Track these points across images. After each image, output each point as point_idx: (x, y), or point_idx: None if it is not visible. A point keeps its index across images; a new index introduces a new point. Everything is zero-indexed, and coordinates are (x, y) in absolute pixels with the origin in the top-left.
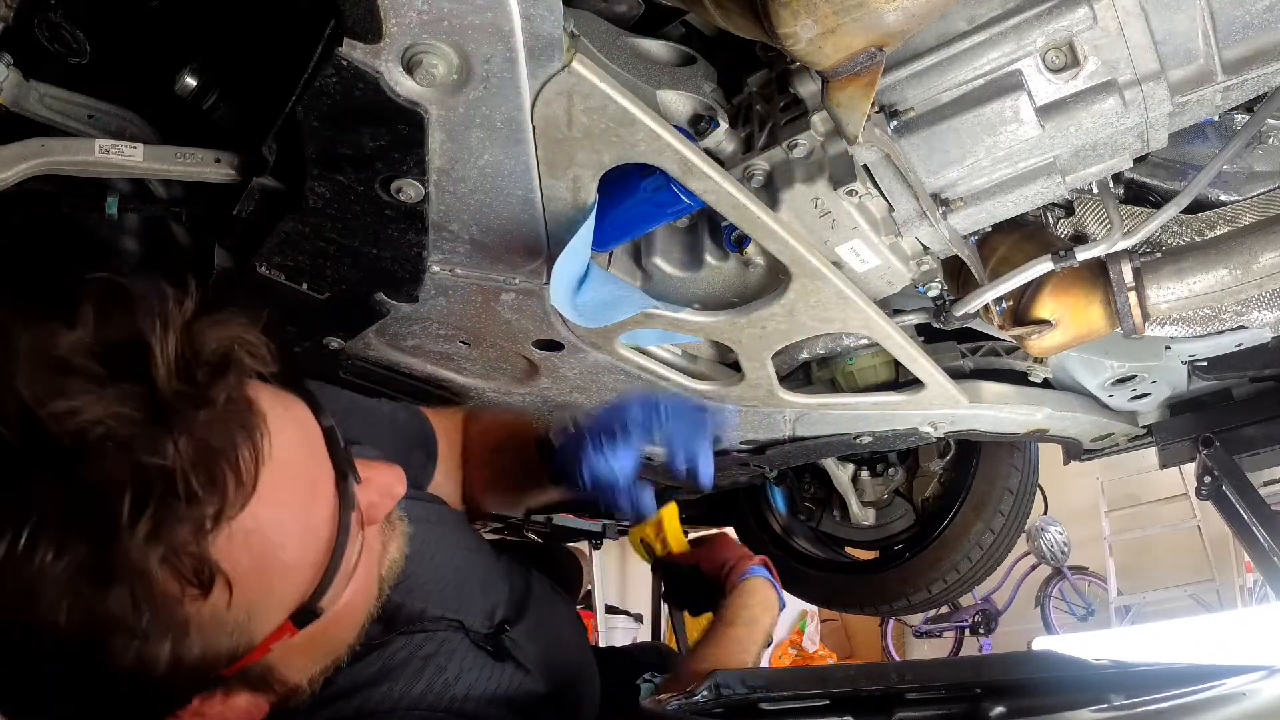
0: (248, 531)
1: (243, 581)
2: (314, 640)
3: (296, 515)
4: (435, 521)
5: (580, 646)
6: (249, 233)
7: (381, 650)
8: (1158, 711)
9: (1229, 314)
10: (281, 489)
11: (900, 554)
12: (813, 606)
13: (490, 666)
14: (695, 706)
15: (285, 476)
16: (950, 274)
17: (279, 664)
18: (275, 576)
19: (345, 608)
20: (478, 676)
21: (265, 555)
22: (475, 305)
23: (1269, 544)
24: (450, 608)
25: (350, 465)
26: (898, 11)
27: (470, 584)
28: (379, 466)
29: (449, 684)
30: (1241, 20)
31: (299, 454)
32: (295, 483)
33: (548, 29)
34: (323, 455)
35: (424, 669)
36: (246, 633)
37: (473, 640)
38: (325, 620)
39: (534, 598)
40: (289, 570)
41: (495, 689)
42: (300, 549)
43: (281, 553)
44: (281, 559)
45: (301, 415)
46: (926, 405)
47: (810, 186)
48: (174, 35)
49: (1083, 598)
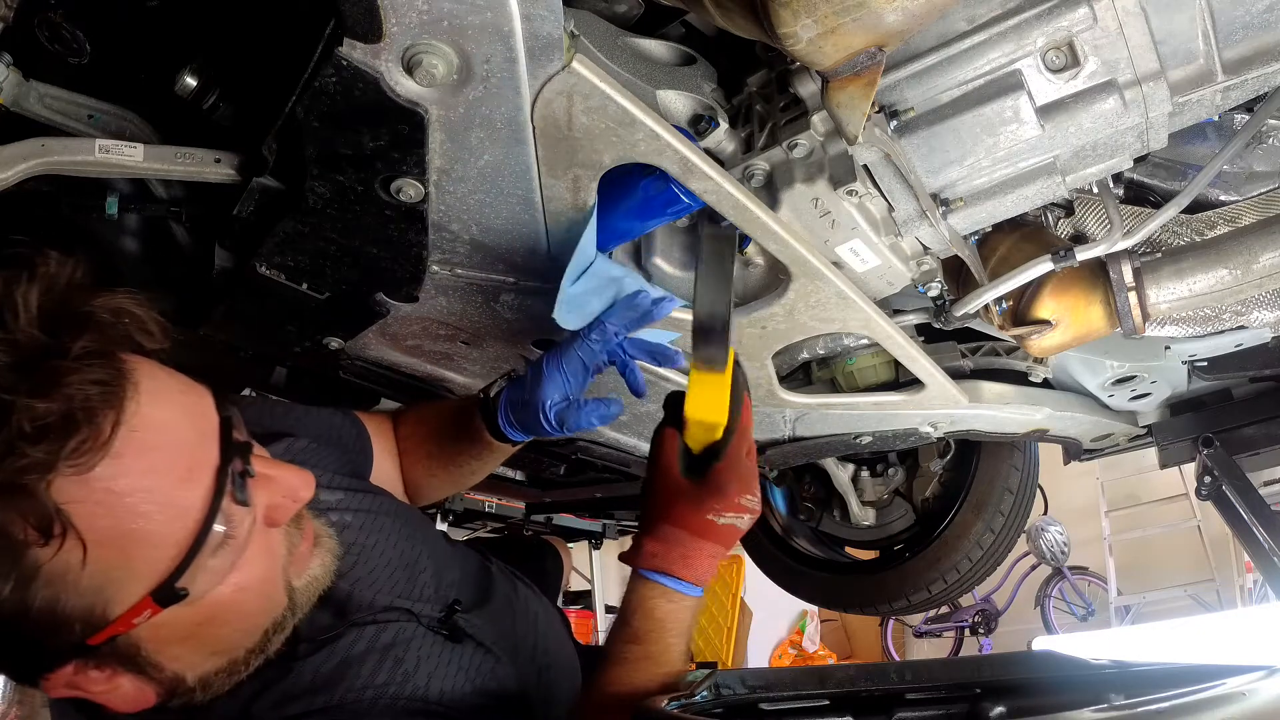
0: (106, 491)
1: (98, 542)
2: (193, 631)
3: (164, 488)
4: (379, 511)
5: (556, 633)
6: (249, 233)
7: (335, 643)
8: (1158, 711)
9: (1229, 314)
10: (149, 459)
11: (900, 554)
12: (813, 606)
13: (449, 650)
14: (695, 706)
15: (155, 448)
16: (950, 274)
17: (151, 647)
18: (134, 545)
19: (231, 604)
20: (437, 664)
21: (123, 520)
22: (475, 305)
23: (1269, 544)
24: (400, 595)
25: (243, 457)
26: (898, 11)
27: (418, 570)
28: (286, 469)
29: (409, 674)
30: (1241, 20)
31: (178, 432)
32: (166, 456)
33: (548, 29)
34: (210, 439)
35: (383, 661)
36: (104, 598)
37: (427, 626)
38: (203, 611)
39: (494, 582)
40: (150, 542)
41: (456, 674)
42: (165, 523)
43: (142, 521)
44: (142, 528)
45: (195, 400)
46: (926, 405)
47: (810, 186)
48: (174, 35)
49: (1083, 598)
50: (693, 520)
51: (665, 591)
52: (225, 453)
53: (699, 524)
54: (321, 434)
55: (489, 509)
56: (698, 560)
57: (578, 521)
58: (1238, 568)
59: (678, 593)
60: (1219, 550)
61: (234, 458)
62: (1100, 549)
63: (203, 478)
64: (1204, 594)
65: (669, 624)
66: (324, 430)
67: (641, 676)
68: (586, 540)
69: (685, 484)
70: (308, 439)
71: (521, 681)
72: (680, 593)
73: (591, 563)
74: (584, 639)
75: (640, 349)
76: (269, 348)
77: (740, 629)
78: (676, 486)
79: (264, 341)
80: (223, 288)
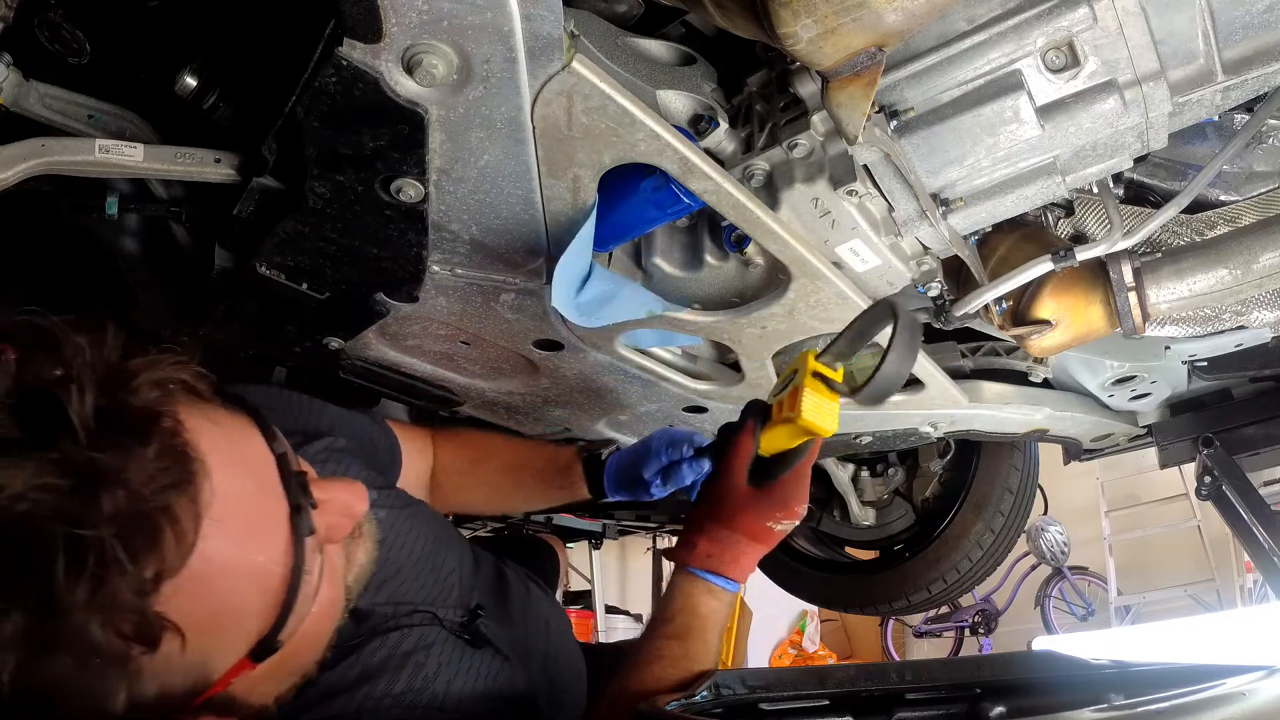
0: (194, 581)
1: (195, 629)
2: (278, 667)
3: (246, 557)
4: (410, 514)
5: (563, 635)
6: (249, 233)
7: (359, 651)
8: (1158, 711)
9: (1229, 314)
10: (227, 534)
11: (900, 554)
12: (813, 606)
13: (469, 656)
14: (695, 706)
15: (230, 520)
16: (950, 274)
17: (243, 693)
18: (229, 620)
19: (310, 633)
20: (457, 669)
21: (216, 601)
22: (475, 305)
23: (1269, 544)
24: (424, 598)
25: (305, 492)
26: (898, 11)
27: (445, 573)
28: (337, 485)
29: (429, 680)
30: (1241, 20)
31: (245, 492)
32: (242, 525)
33: (548, 29)
34: (274, 486)
35: (403, 666)
36: (204, 672)
37: (449, 630)
38: (288, 648)
39: (508, 584)
40: (243, 611)
41: (475, 680)
42: (255, 591)
43: (234, 598)
44: (234, 603)
45: (249, 445)
46: (926, 405)
47: (810, 186)
48: (174, 35)
49: (1083, 598)
50: (754, 527)
51: (712, 589)
52: (291, 496)
53: (759, 530)
54: (357, 435)
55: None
56: (749, 562)
57: (578, 521)
58: (1238, 568)
59: (723, 590)
60: (1219, 550)
61: (300, 499)
62: (1100, 549)
63: (279, 533)
64: (1204, 594)
65: (711, 621)
66: (359, 432)
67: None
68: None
69: (750, 492)
70: (345, 438)
71: (532, 685)
72: (725, 590)
73: (591, 563)
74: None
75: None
76: (269, 348)
77: (740, 629)
78: (743, 493)
79: (264, 341)
80: (223, 288)
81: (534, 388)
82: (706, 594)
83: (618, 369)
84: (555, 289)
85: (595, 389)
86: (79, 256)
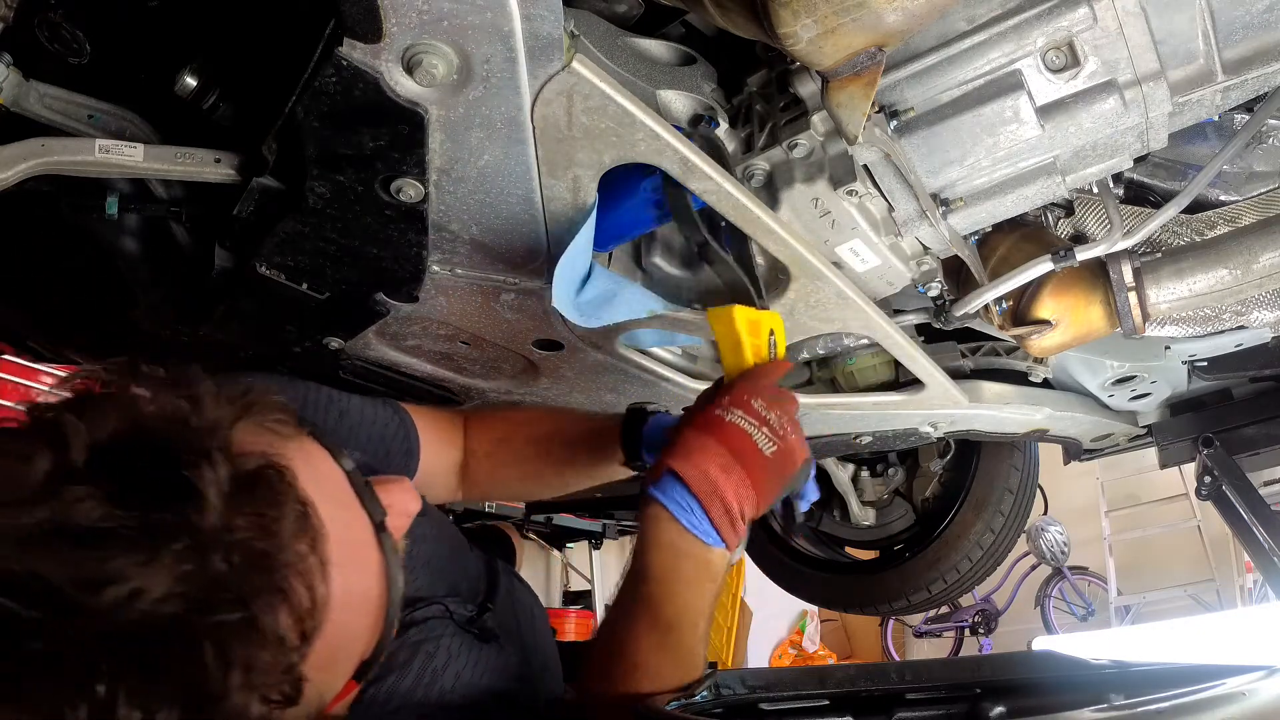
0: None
1: (318, 668)
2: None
3: (356, 589)
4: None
5: (544, 626)
6: (249, 233)
7: None
8: (1158, 711)
9: (1229, 314)
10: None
11: (900, 554)
12: (813, 606)
13: (476, 650)
14: (695, 706)
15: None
16: (950, 274)
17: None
18: (343, 652)
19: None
20: (465, 663)
21: (336, 638)
22: (475, 305)
23: (1269, 544)
24: (436, 591)
25: (377, 505)
26: (898, 11)
27: (452, 567)
28: (391, 487)
29: (437, 673)
30: (1241, 20)
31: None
32: (348, 559)
33: (548, 29)
34: (354, 505)
35: (414, 657)
36: (321, 703)
37: (458, 624)
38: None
39: (499, 579)
40: (356, 640)
41: (481, 675)
42: (363, 616)
43: (349, 630)
44: (349, 634)
45: (324, 467)
46: (926, 405)
47: (810, 186)
48: (174, 35)
49: (1083, 598)
50: (698, 416)
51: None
52: (372, 513)
53: (703, 418)
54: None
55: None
56: (701, 457)
57: (578, 521)
58: (1238, 568)
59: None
60: (1219, 550)
61: (380, 515)
62: (1100, 549)
63: (372, 554)
64: (1204, 594)
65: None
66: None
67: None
68: (586, 540)
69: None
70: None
71: (527, 677)
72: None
73: (591, 563)
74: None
75: None
76: (269, 348)
77: (740, 629)
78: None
79: (264, 341)
80: (223, 288)
81: (534, 388)
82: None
83: (618, 369)
84: (555, 289)
85: (595, 389)
86: (79, 256)
